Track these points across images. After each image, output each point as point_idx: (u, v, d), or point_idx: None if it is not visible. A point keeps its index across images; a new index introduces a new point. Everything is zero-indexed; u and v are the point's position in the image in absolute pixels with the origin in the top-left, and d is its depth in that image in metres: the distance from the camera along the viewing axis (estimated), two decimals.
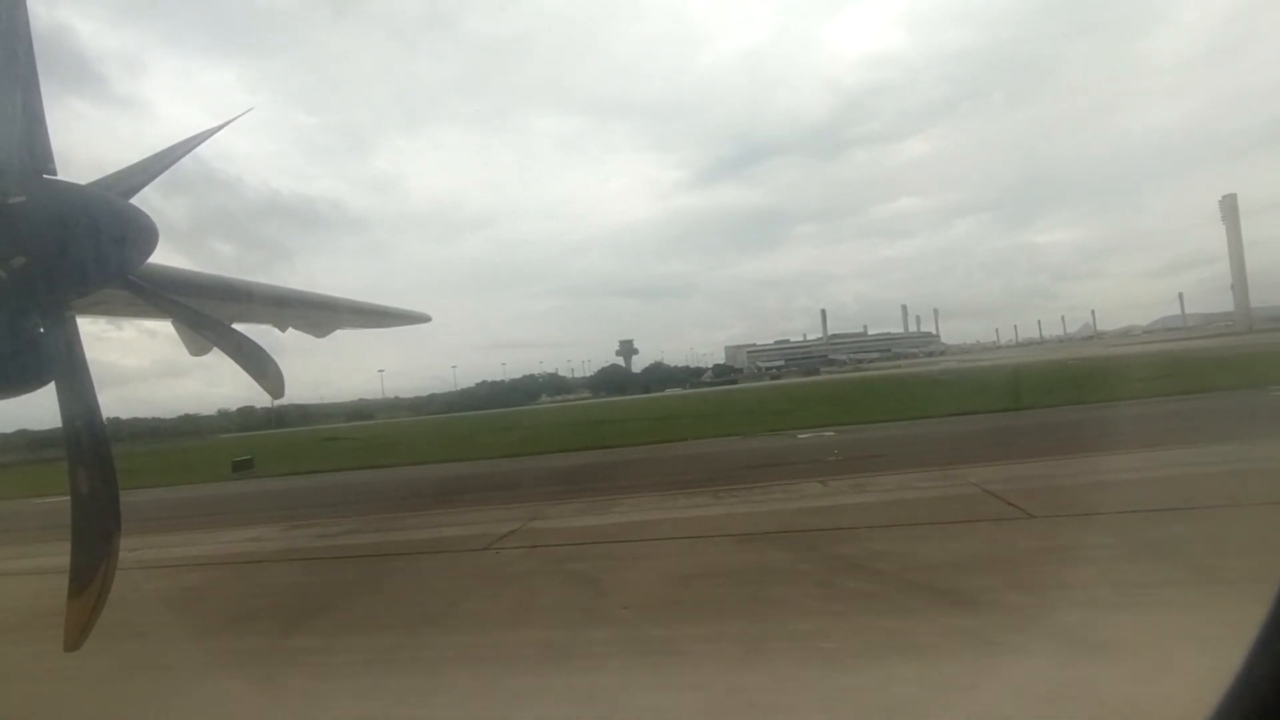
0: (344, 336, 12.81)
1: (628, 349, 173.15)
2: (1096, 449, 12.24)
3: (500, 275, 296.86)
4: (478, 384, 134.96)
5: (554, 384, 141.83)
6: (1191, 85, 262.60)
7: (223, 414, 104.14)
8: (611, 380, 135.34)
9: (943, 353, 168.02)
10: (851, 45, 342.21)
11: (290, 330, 9.42)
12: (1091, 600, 5.33)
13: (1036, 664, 4.42)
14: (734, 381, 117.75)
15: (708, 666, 4.90)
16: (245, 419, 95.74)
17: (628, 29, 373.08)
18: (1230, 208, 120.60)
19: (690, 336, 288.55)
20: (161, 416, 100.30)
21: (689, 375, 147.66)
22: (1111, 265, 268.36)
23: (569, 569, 7.77)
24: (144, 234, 5.14)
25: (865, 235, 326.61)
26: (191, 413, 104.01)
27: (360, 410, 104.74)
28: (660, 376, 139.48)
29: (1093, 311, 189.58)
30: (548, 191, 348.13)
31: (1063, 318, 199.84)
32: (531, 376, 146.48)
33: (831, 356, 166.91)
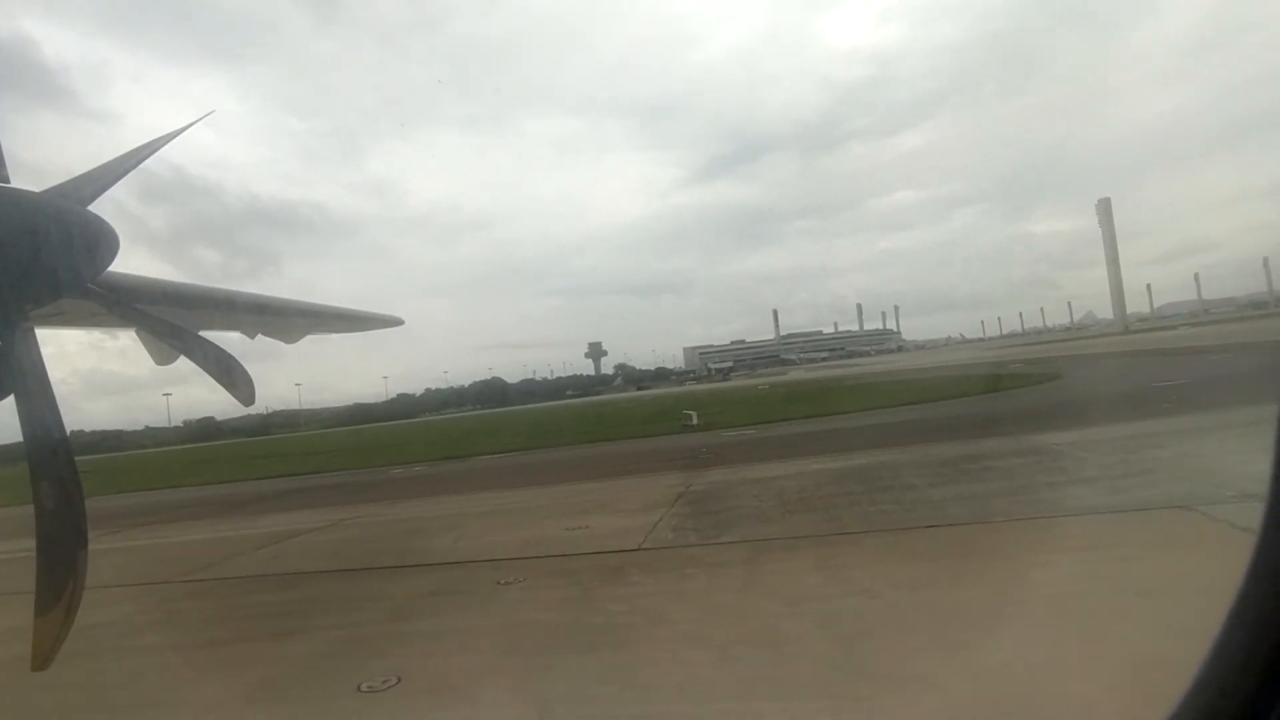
0: (349, 341, 12.49)
1: (596, 351, 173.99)
2: None
3: (499, 276, 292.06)
4: (397, 395, 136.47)
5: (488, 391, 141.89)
6: (1185, 73, 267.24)
7: (187, 424, 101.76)
8: (492, 392, 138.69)
9: (899, 349, 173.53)
10: (842, 40, 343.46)
11: (260, 337, 9.19)
12: None
13: None
14: (646, 387, 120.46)
15: None
16: (186, 432, 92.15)
17: (617, 28, 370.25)
18: (1105, 211, 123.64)
19: (690, 334, 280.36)
20: (158, 426, 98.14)
21: (637, 376, 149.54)
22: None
23: None
24: (103, 241, 4.96)
25: (863, 229, 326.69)
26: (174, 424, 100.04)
27: (267, 424, 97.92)
28: (543, 388, 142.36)
29: (1069, 302, 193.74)
30: (544, 192, 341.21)
31: (1041, 310, 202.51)
32: (483, 382, 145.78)
33: (784, 356, 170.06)
